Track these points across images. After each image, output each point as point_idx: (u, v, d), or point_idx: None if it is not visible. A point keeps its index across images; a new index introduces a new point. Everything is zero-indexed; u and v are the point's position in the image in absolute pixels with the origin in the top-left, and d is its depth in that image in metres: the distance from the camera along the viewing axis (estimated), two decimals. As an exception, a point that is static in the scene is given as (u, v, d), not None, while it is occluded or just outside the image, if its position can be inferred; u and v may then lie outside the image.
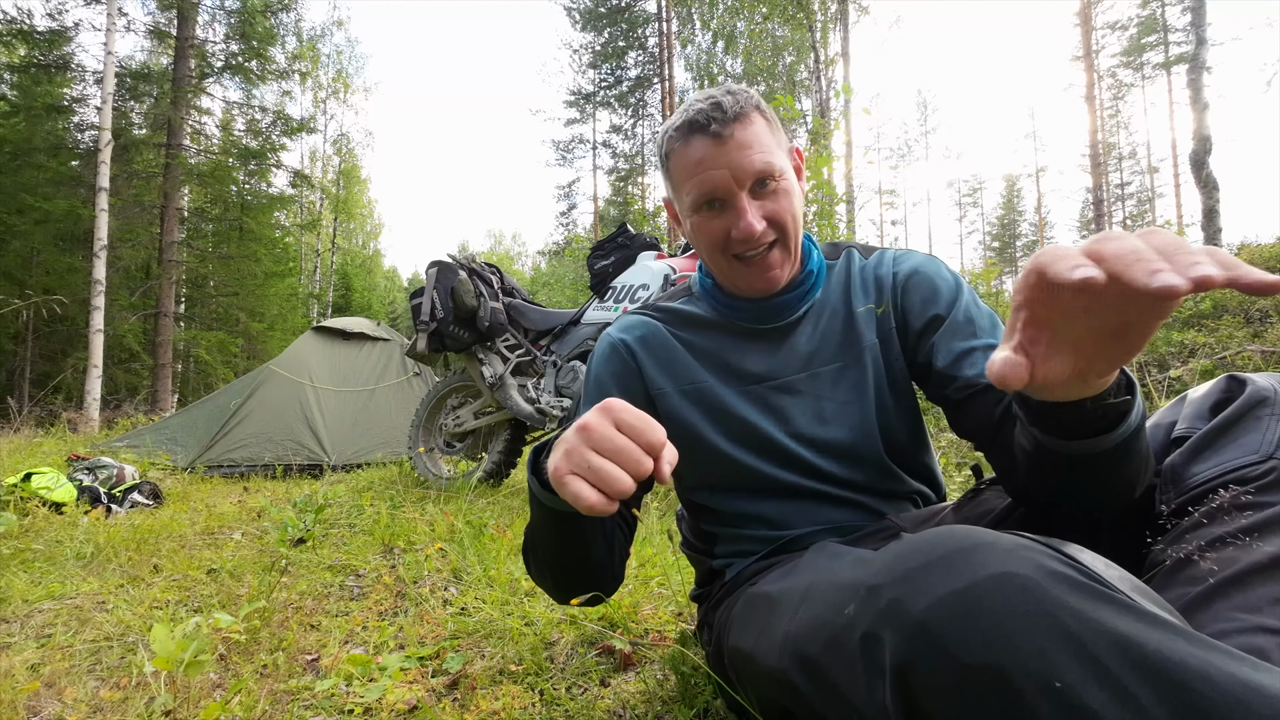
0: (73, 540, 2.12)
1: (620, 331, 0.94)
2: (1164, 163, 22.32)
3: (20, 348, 11.39)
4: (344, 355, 4.80)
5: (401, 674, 1.09)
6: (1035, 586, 0.41)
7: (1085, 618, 0.40)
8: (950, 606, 0.43)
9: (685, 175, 0.81)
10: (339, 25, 20.35)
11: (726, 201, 0.80)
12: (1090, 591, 0.41)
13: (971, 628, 0.41)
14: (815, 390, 0.87)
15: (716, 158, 0.78)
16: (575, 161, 21.10)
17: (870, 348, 0.87)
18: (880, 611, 0.47)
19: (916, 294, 0.87)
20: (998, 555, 0.44)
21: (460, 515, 2.15)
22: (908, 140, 26.34)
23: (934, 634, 0.42)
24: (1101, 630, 0.39)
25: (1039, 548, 0.45)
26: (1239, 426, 0.63)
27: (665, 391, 0.89)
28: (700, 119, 0.79)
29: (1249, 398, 0.65)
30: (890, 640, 0.45)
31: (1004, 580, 0.42)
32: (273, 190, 13.30)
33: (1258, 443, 0.61)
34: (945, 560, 0.45)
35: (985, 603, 0.42)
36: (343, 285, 22.74)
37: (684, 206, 0.84)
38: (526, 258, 37.70)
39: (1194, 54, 5.56)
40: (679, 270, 2.66)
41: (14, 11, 9.54)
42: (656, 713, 0.94)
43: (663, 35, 16.99)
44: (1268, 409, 0.63)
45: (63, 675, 1.18)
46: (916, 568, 0.47)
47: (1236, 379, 0.68)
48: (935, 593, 0.44)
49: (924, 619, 0.43)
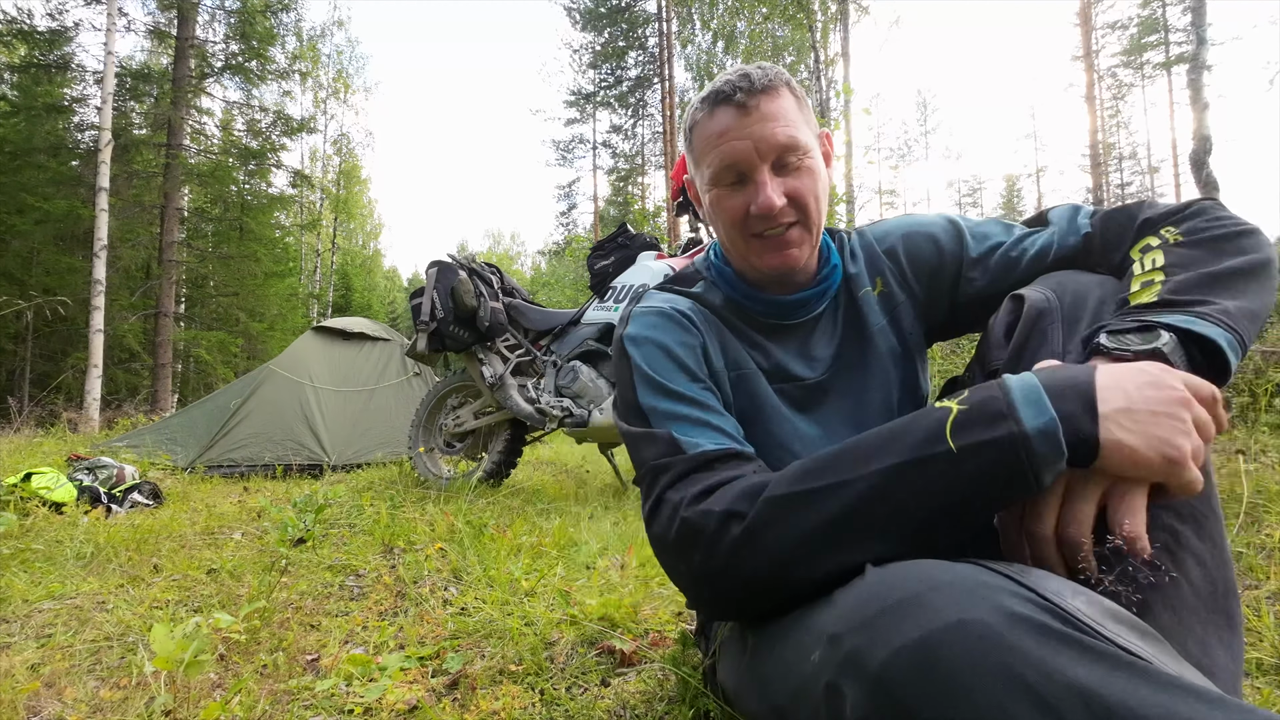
0: (73, 540, 2.12)
1: (664, 302, 0.85)
2: (1164, 163, 22.33)
3: (20, 348, 11.39)
4: (344, 355, 4.80)
5: (401, 674, 1.09)
6: (992, 635, 0.40)
7: (1045, 668, 0.39)
8: (907, 659, 0.42)
9: (707, 146, 0.78)
10: (339, 25, 20.35)
11: (747, 175, 0.77)
12: (1051, 635, 0.40)
13: (928, 682, 0.40)
14: (842, 388, 0.85)
15: (740, 128, 0.76)
16: (575, 161, 21.15)
17: (880, 331, 0.86)
18: (840, 663, 0.46)
19: (920, 255, 0.88)
20: (955, 600, 0.43)
21: (460, 515, 2.15)
22: (908, 140, 26.32)
23: (891, 689, 0.42)
24: (1062, 682, 0.38)
25: (1000, 584, 0.44)
26: (1031, 344, 0.67)
27: (720, 372, 0.82)
28: (726, 89, 0.76)
29: (1029, 314, 0.68)
30: (850, 693, 0.45)
31: (960, 630, 0.41)
32: (273, 190, 13.29)
33: (1049, 355, 0.64)
34: (901, 607, 0.44)
35: (942, 654, 0.41)
36: (343, 285, 22.74)
37: (704, 180, 0.81)
38: (526, 258, 37.73)
39: (1194, 54, 5.56)
40: (679, 270, 2.66)
41: (14, 11, 9.54)
42: (656, 713, 0.94)
43: (663, 35, 16.98)
44: (1048, 319, 0.67)
45: (63, 675, 1.18)
46: (874, 615, 0.46)
47: (1016, 297, 0.72)
48: (892, 643, 0.43)
49: (880, 673, 0.42)
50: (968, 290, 0.86)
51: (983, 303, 0.85)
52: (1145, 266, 0.68)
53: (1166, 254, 0.68)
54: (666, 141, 16.28)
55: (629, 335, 0.82)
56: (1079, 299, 0.68)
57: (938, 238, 0.87)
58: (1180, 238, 0.69)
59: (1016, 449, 0.51)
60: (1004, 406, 0.53)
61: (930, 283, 0.88)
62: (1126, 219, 0.77)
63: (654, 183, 20.40)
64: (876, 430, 0.60)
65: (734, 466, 0.68)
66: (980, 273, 0.85)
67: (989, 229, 0.87)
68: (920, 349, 0.88)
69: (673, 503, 0.66)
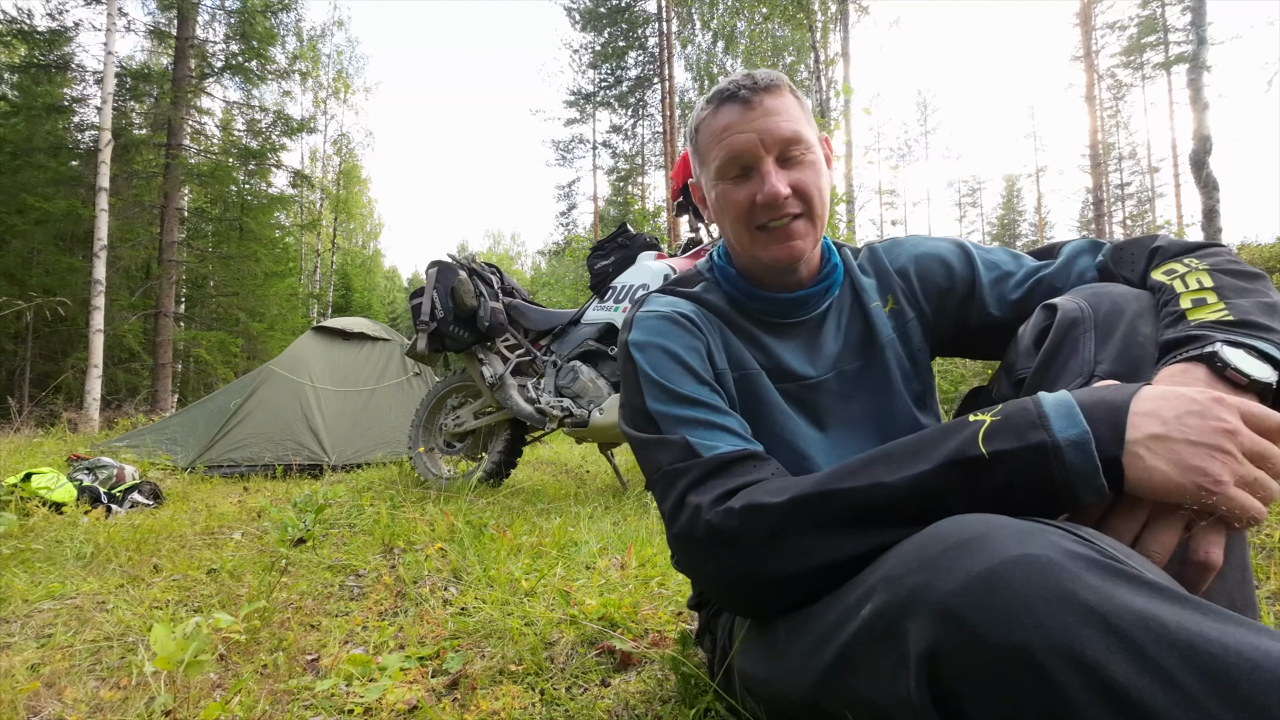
0: (73, 540, 2.12)
1: (666, 306, 0.85)
2: (1164, 163, 22.33)
3: (20, 348, 11.39)
4: (344, 355, 4.80)
5: (401, 674, 1.09)
6: (1055, 565, 0.41)
7: (1106, 593, 0.40)
8: (973, 589, 0.43)
9: (712, 142, 0.80)
10: (339, 25, 20.37)
11: (752, 167, 0.78)
12: (1109, 570, 0.41)
13: (996, 608, 0.41)
14: (844, 391, 0.86)
15: (744, 122, 0.77)
16: (575, 161, 21.15)
17: (889, 343, 0.87)
18: (901, 601, 0.47)
19: (931, 277, 0.89)
20: (1015, 537, 0.44)
21: (460, 515, 2.15)
22: (908, 140, 26.30)
23: (959, 617, 0.42)
24: (1124, 605, 0.39)
25: (1054, 529, 0.45)
26: (1061, 352, 0.67)
27: (725, 372, 0.83)
28: (731, 87, 0.79)
29: (1061, 322, 0.68)
30: (914, 628, 0.45)
31: (1024, 561, 0.42)
32: (273, 190, 13.31)
33: (1079, 365, 0.64)
34: (963, 546, 0.45)
35: (1008, 583, 0.42)
36: (343, 285, 22.75)
37: (709, 176, 0.82)
38: (526, 258, 37.72)
39: (1194, 54, 5.56)
40: (679, 270, 2.66)
41: (14, 11, 9.55)
42: (656, 713, 0.94)
43: (663, 35, 16.99)
44: (1080, 328, 0.66)
45: (63, 675, 1.18)
46: (935, 554, 0.47)
47: (1048, 306, 0.72)
48: (957, 577, 0.44)
49: (947, 602, 0.43)
50: (974, 316, 0.88)
51: (987, 329, 0.87)
52: (1190, 285, 0.67)
53: (1212, 276, 0.67)
54: (666, 141, 16.28)
55: (633, 340, 0.82)
56: (1115, 311, 0.68)
57: (949, 261, 0.89)
58: (1209, 267, 0.69)
59: (1048, 457, 0.51)
60: (1035, 417, 0.53)
61: (939, 304, 0.90)
62: (1139, 248, 0.78)
63: (654, 183, 20.42)
64: (907, 439, 0.60)
65: (752, 468, 0.68)
66: (988, 300, 0.86)
67: (998, 257, 0.89)
68: (927, 364, 0.90)
69: (695, 505, 0.67)
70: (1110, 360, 0.63)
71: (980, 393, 0.85)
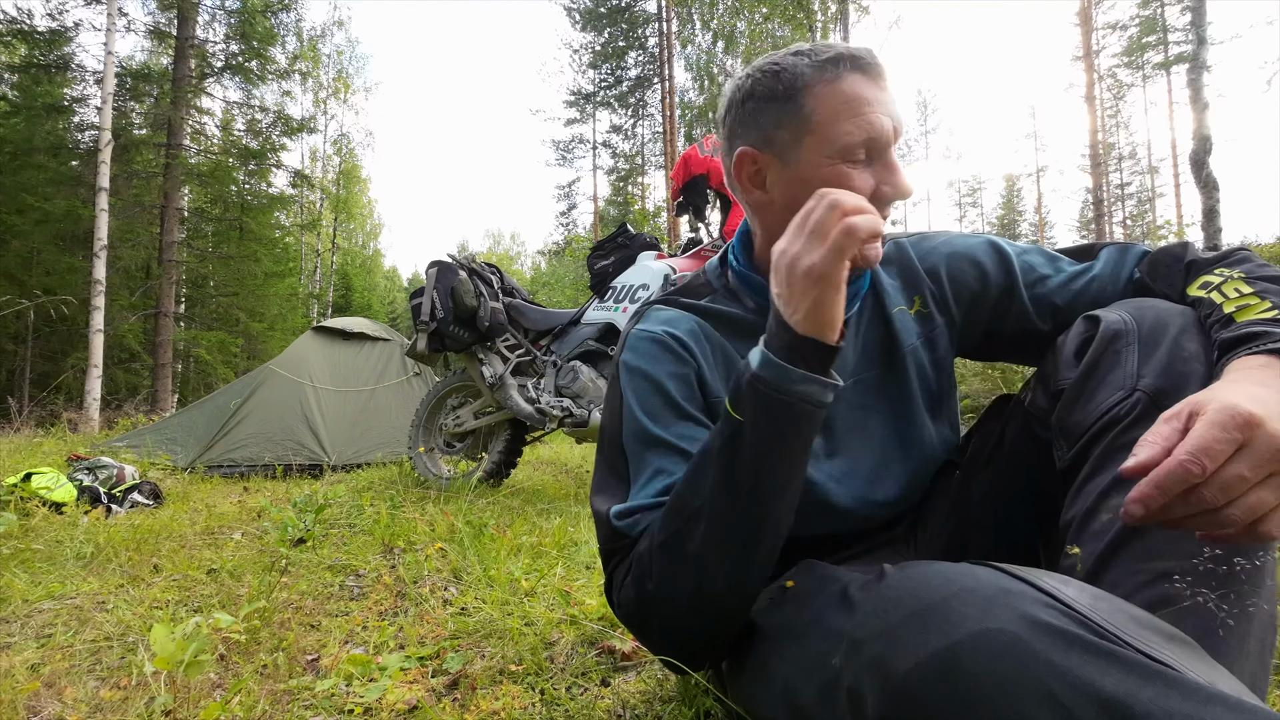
0: (73, 540, 2.12)
1: (661, 325, 0.79)
2: (1164, 163, 22.36)
3: (20, 348, 11.40)
4: (344, 355, 4.80)
5: (401, 674, 1.09)
6: (1017, 644, 0.40)
7: (1071, 678, 0.38)
8: (931, 668, 0.41)
9: (841, 111, 0.67)
10: (339, 25, 20.38)
11: (880, 154, 0.69)
12: (1076, 643, 0.39)
13: (953, 692, 0.40)
14: (859, 400, 0.81)
15: (880, 102, 0.68)
16: (575, 161, 21.16)
17: (912, 351, 0.82)
18: (863, 667, 0.46)
19: (964, 280, 0.83)
20: (978, 607, 0.43)
21: (460, 515, 2.15)
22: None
23: (915, 699, 0.42)
24: (1089, 693, 0.37)
25: (1021, 591, 0.43)
26: (1103, 365, 0.65)
27: (717, 402, 0.78)
28: (859, 54, 0.68)
29: (1104, 335, 0.66)
30: (872, 699, 0.45)
31: (984, 639, 0.41)
32: (273, 190, 13.32)
33: (1121, 378, 0.62)
34: (925, 614, 0.44)
35: (966, 665, 0.40)
36: (343, 285, 22.76)
37: (820, 149, 0.68)
38: (526, 258, 37.72)
39: (1194, 54, 5.56)
40: (679, 270, 2.66)
41: (14, 11, 9.55)
42: (656, 713, 0.94)
43: (663, 35, 17.00)
44: (1123, 341, 0.65)
45: (63, 675, 1.18)
46: (897, 622, 0.46)
47: (1091, 318, 0.70)
48: (916, 653, 0.43)
49: (904, 683, 0.42)
50: (1010, 323, 0.83)
51: (1022, 337, 0.83)
52: (1229, 294, 0.65)
53: (1249, 283, 0.65)
54: (666, 141, 16.28)
55: (625, 362, 0.79)
56: (1159, 325, 0.65)
57: (983, 263, 0.83)
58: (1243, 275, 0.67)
59: None
60: None
61: (970, 309, 0.84)
62: (1172, 259, 0.76)
63: (654, 183, 20.42)
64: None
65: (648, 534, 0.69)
66: (1027, 307, 0.82)
67: (1034, 260, 0.83)
68: (950, 371, 0.85)
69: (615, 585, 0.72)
70: (1153, 374, 0.61)
71: (1007, 401, 0.82)
